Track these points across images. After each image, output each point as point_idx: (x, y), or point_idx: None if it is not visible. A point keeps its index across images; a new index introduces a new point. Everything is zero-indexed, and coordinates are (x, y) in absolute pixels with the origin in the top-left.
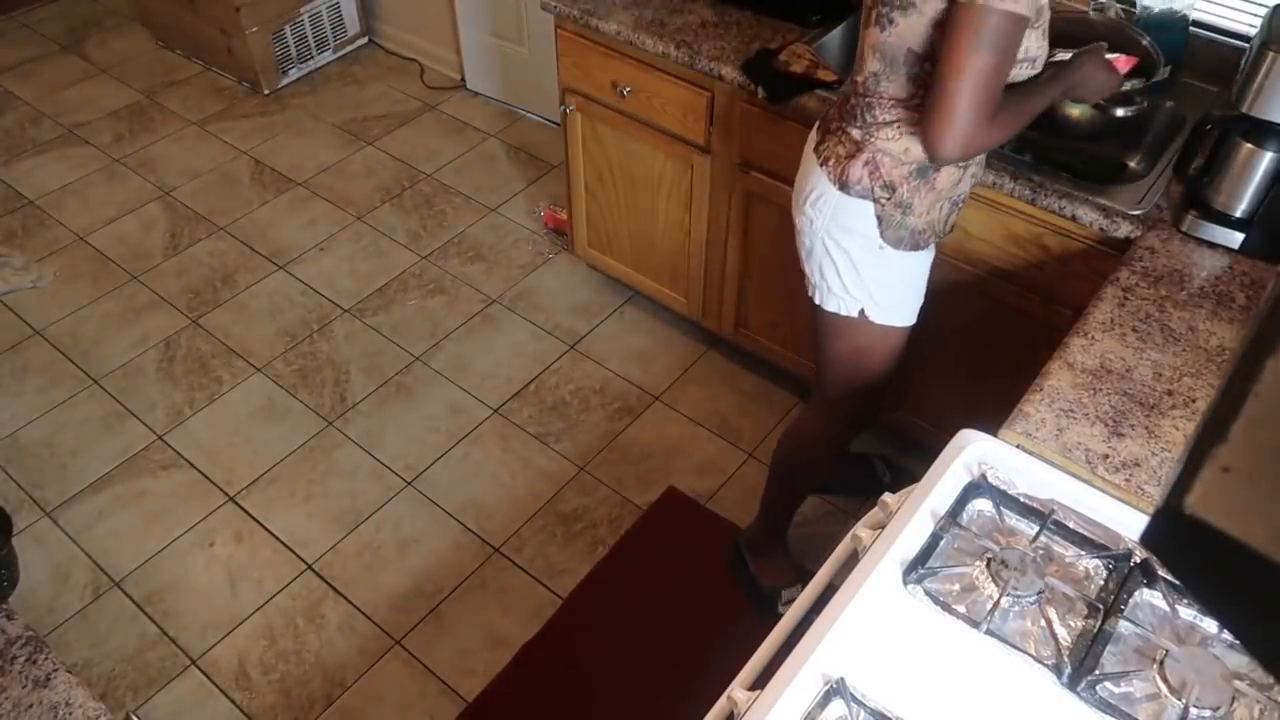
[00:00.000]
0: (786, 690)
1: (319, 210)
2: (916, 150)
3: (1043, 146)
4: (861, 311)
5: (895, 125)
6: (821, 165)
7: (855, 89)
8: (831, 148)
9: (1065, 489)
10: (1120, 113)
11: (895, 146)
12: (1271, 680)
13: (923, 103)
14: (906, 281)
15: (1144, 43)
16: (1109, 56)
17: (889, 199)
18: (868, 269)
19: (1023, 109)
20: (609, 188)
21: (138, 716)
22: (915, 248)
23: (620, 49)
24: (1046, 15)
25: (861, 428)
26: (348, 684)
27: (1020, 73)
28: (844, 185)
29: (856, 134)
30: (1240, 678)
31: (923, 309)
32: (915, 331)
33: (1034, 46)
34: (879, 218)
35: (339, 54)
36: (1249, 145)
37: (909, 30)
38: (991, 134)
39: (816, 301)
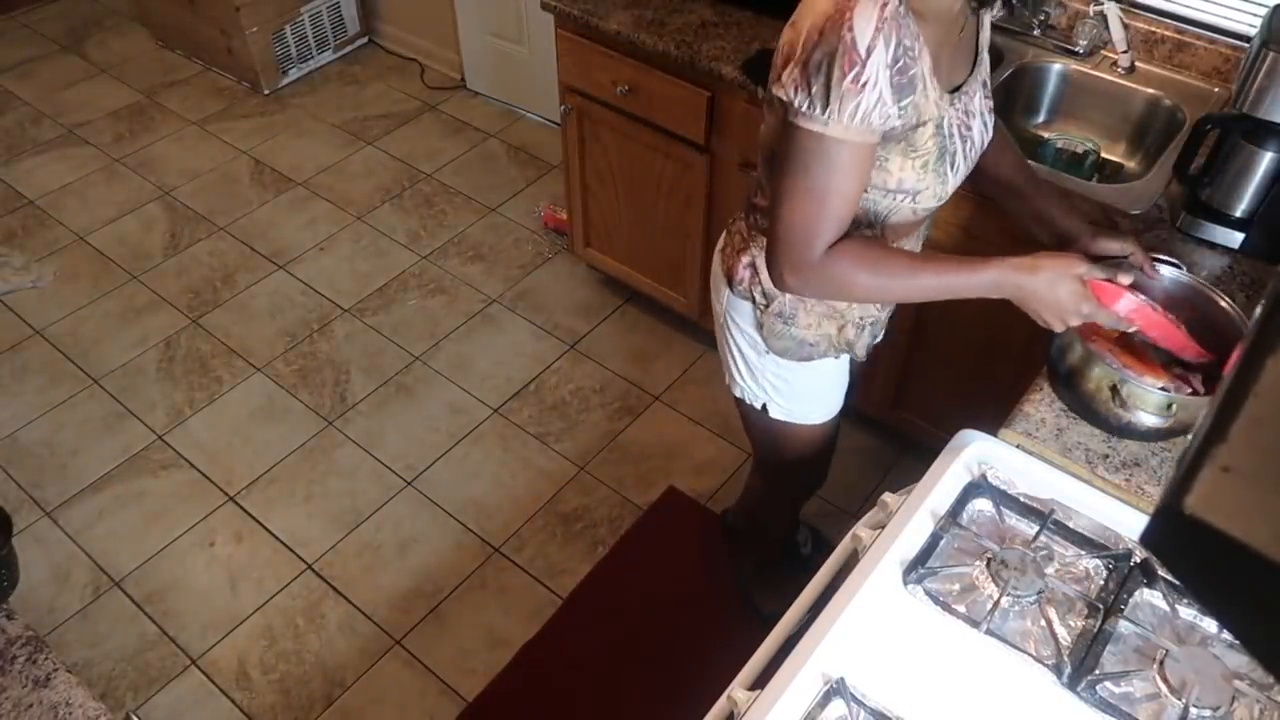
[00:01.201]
0: (786, 690)
1: (319, 210)
2: None
3: (1042, 145)
4: (764, 406)
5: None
6: (721, 252)
7: (752, 182)
8: (729, 239)
9: (1065, 489)
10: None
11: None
12: (1271, 680)
13: None
14: (806, 386)
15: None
16: (1104, 276)
17: (767, 307)
18: (760, 369)
19: (914, 272)
20: (609, 188)
21: (138, 716)
22: (806, 359)
23: (620, 49)
24: (938, 145)
25: (806, 494)
26: (348, 684)
27: (896, 205)
28: (730, 282)
29: (745, 231)
30: (1240, 678)
31: (923, 310)
32: (916, 331)
33: (910, 179)
34: (760, 324)
35: (339, 54)
36: (1249, 145)
37: (771, 129)
38: (848, 272)
39: (726, 382)
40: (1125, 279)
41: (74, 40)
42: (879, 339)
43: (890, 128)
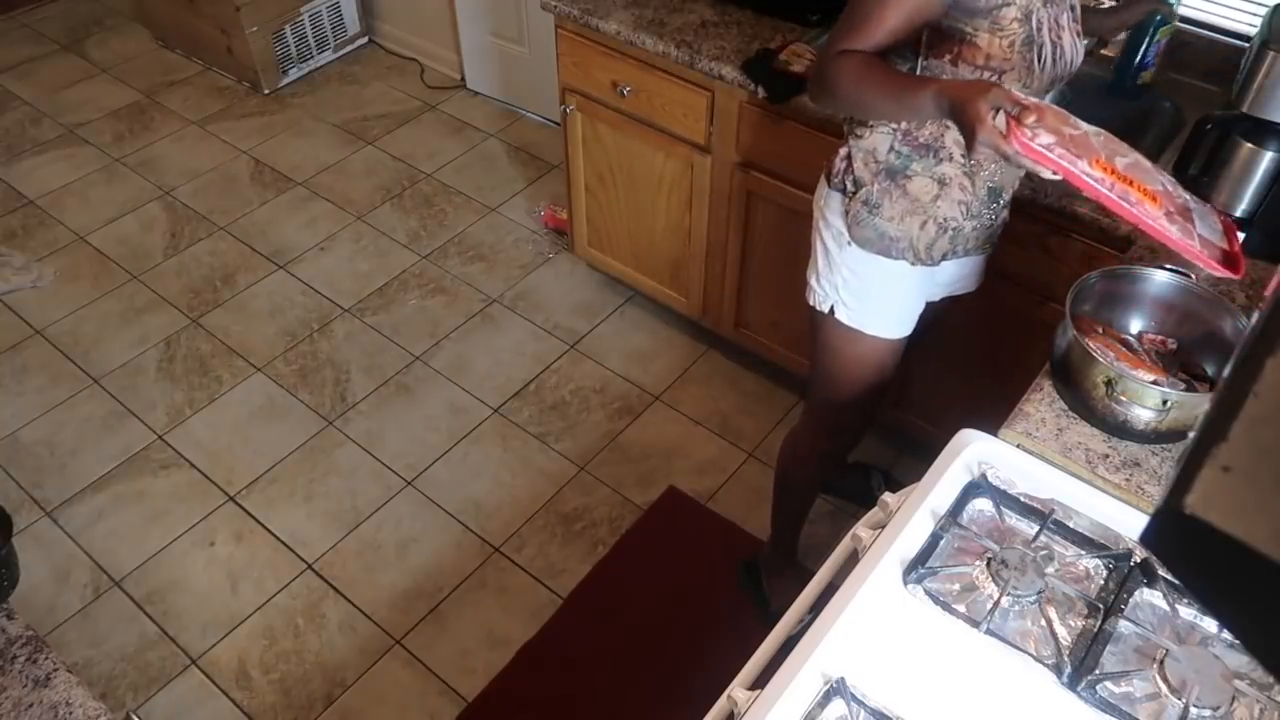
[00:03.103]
0: (786, 690)
1: (319, 210)
2: (883, 149)
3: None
4: (831, 309)
5: (868, 123)
6: (828, 160)
7: None
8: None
9: (1065, 489)
10: None
11: (865, 143)
12: (1271, 680)
13: None
14: (876, 287)
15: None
16: (1014, 110)
17: (855, 194)
18: (838, 264)
19: (879, 86)
20: (609, 187)
21: (138, 716)
22: (885, 254)
23: (620, 49)
24: (1026, 32)
25: (851, 440)
26: (348, 684)
27: (1001, 25)
28: (828, 176)
29: (846, 128)
30: (1240, 677)
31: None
32: (916, 332)
33: (998, 56)
34: (846, 211)
35: (339, 54)
36: (1249, 145)
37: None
38: (840, 73)
39: (804, 294)
40: (1030, 117)
41: (74, 40)
42: (965, 251)
43: None
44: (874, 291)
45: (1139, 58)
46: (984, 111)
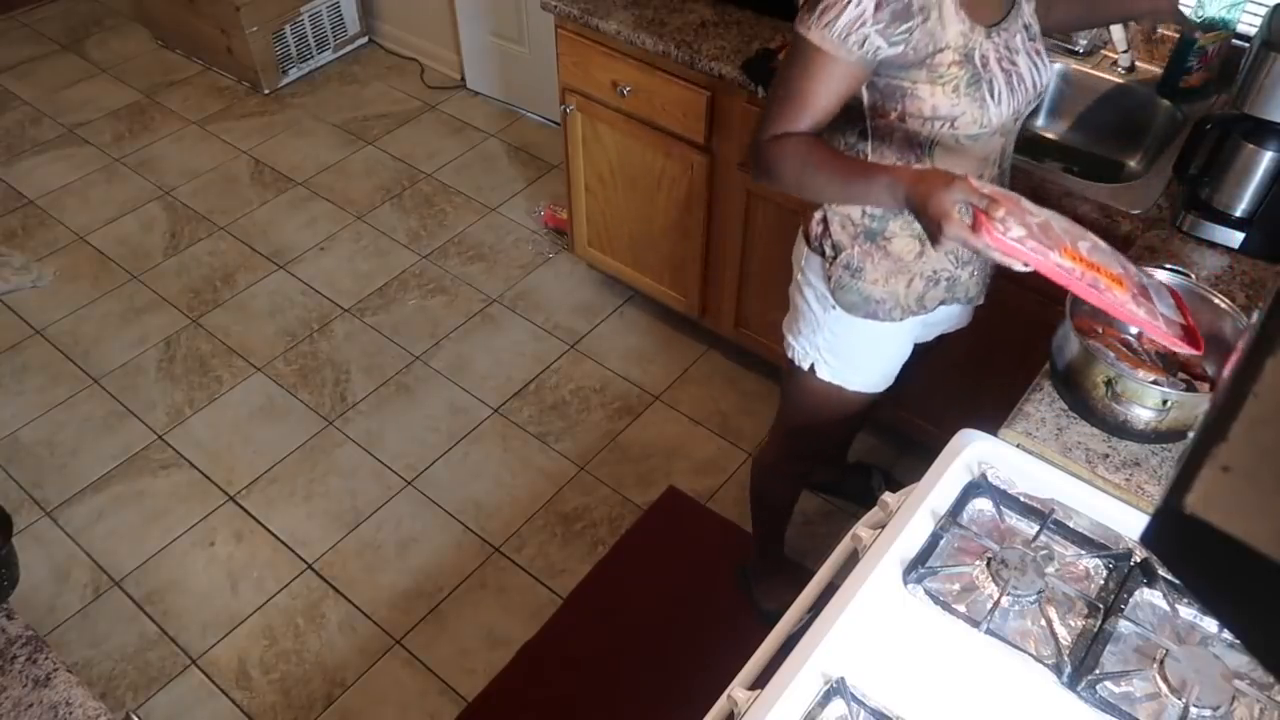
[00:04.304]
0: (786, 690)
1: (319, 210)
2: (857, 212)
3: (1042, 146)
4: (812, 367)
5: None
6: (804, 217)
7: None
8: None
9: (1065, 489)
10: None
11: (840, 207)
12: (1271, 680)
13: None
14: (862, 348)
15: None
16: (981, 203)
17: (835, 259)
18: (821, 326)
19: (828, 171)
20: (609, 187)
21: (138, 716)
22: (872, 317)
23: (620, 48)
24: (968, 73)
25: (816, 463)
26: (348, 684)
27: (936, 132)
28: (806, 237)
29: None
30: (1240, 677)
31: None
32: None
33: (944, 104)
34: (828, 276)
35: (339, 53)
36: (1249, 145)
37: None
38: (780, 160)
39: (785, 350)
40: (999, 210)
41: (74, 40)
42: (965, 299)
43: (879, 54)
44: (859, 352)
45: (1184, 63)
46: (949, 207)
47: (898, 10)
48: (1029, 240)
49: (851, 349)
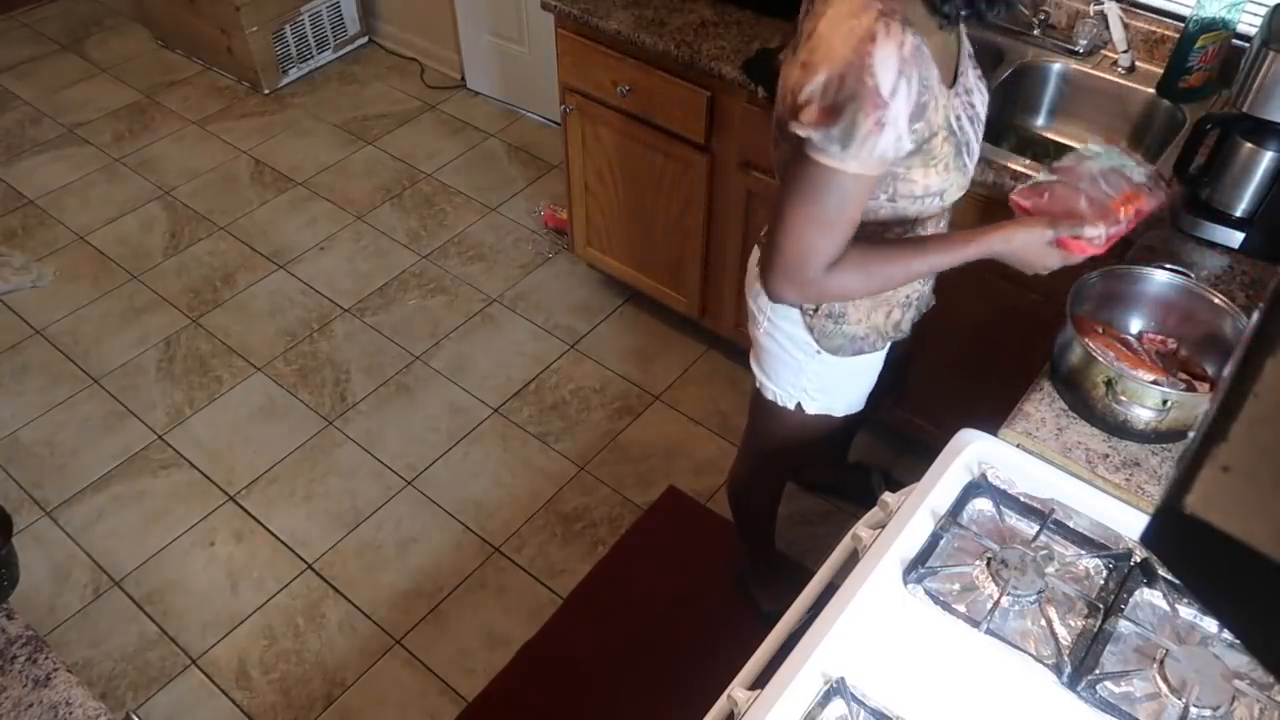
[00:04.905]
0: (786, 690)
1: (319, 210)
2: None
3: (1042, 146)
4: (799, 405)
5: None
6: (755, 266)
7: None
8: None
9: (1065, 488)
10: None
11: None
12: (1271, 680)
13: None
14: (848, 380)
15: (1143, 181)
16: (1069, 233)
17: (815, 311)
18: (805, 370)
19: (906, 265)
20: (609, 187)
21: (138, 716)
22: (859, 353)
23: (620, 48)
24: (953, 144)
25: (793, 474)
26: (348, 684)
27: (925, 207)
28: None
29: None
30: (1240, 677)
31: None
32: (916, 331)
33: (935, 182)
34: (810, 328)
35: (339, 53)
36: (1249, 145)
37: (783, 157)
38: (846, 283)
39: (756, 385)
40: (1089, 230)
41: (74, 40)
42: (928, 309)
43: (904, 153)
44: (846, 384)
45: (1184, 63)
46: (1051, 260)
47: (914, 111)
48: (1100, 228)
49: (837, 383)
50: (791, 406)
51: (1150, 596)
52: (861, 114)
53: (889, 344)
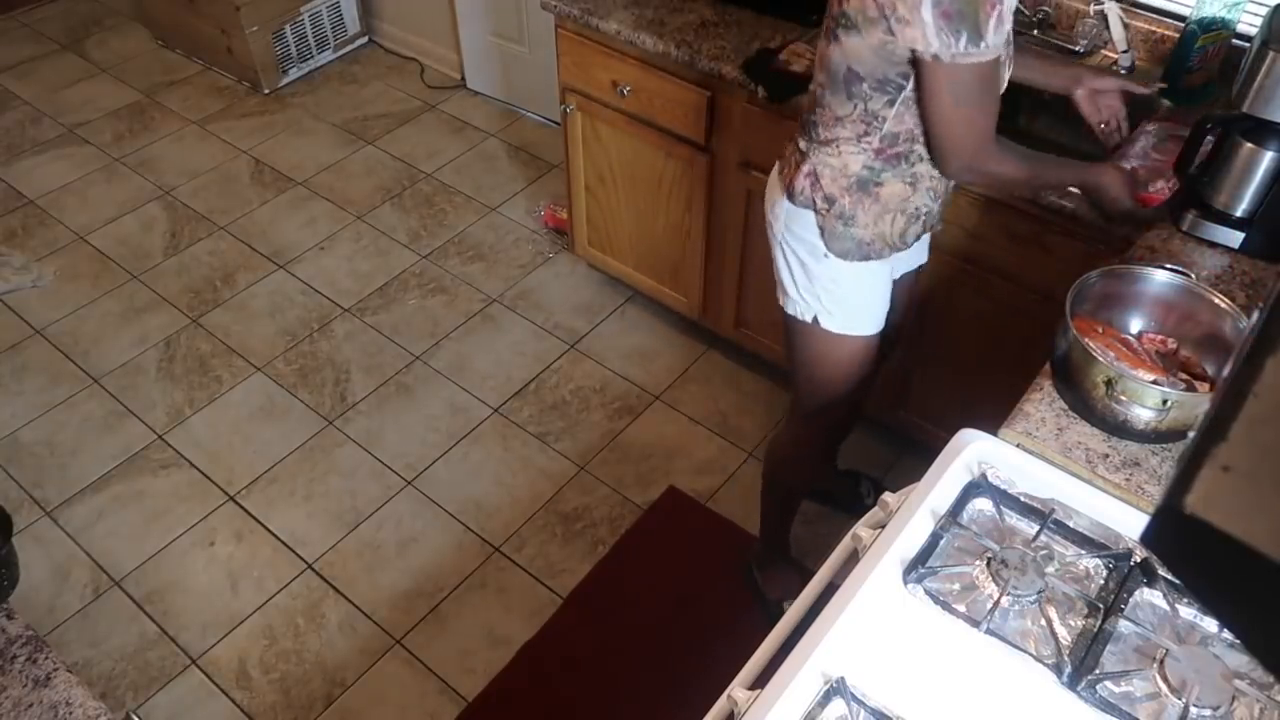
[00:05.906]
0: (786, 690)
1: (319, 210)
2: (855, 166)
3: (1042, 146)
4: (815, 319)
5: (834, 143)
6: (779, 173)
7: (808, 100)
8: (787, 157)
9: (1065, 488)
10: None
11: (835, 161)
12: (1271, 680)
13: (860, 120)
14: (858, 291)
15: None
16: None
17: (829, 210)
18: (817, 276)
19: (1036, 172)
20: (609, 187)
21: (138, 716)
22: (864, 259)
23: (620, 48)
24: (1006, 52)
25: (838, 436)
26: (348, 684)
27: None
28: (790, 194)
29: (803, 145)
30: (1240, 677)
31: (924, 311)
32: (917, 332)
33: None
34: (821, 228)
35: (339, 53)
36: (1249, 145)
37: (851, 50)
38: (1010, 164)
39: (779, 304)
40: (1158, 181)
41: (74, 40)
42: (936, 228)
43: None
44: (856, 295)
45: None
46: (1130, 203)
47: None
48: (1162, 182)
49: (848, 294)
50: (810, 319)
51: (1150, 596)
52: (982, 10)
53: (891, 257)
